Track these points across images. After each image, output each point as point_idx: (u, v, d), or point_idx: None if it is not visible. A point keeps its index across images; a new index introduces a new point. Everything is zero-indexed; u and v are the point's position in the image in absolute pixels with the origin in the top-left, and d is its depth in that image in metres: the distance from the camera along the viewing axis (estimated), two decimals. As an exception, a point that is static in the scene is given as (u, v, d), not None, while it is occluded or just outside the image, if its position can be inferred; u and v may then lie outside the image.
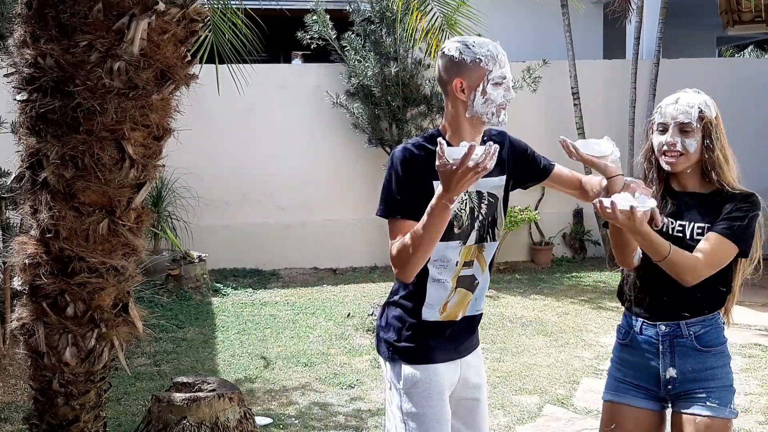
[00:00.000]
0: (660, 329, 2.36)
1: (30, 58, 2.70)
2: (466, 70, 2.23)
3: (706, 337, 2.33)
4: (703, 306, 2.34)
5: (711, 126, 2.33)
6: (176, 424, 3.44)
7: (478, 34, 6.96)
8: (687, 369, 2.32)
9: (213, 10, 4.96)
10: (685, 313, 2.33)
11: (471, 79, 2.23)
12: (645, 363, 2.39)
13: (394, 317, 2.36)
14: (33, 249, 2.82)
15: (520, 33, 10.74)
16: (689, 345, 2.32)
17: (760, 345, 5.81)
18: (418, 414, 2.29)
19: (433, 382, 2.31)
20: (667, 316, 2.35)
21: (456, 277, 2.33)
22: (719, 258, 2.26)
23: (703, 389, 2.30)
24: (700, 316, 2.33)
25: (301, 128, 8.80)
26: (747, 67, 10.59)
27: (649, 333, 2.38)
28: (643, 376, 2.40)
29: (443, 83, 2.29)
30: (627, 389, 2.43)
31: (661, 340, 2.35)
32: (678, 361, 2.33)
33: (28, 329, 2.91)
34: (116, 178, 2.77)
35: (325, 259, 8.86)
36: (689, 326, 2.33)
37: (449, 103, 2.29)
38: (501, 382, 4.98)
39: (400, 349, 2.33)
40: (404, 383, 2.31)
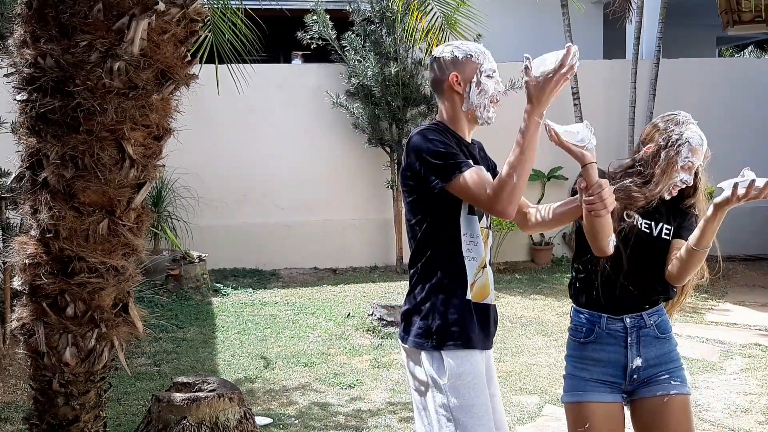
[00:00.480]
0: (626, 322, 2.49)
1: (30, 58, 2.70)
2: (459, 65, 2.40)
3: (663, 325, 2.53)
4: (659, 298, 2.54)
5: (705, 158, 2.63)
6: (176, 424, 3.44)
7: (478, 35, 7.00)
8: (651, 356, 2.49)
9: (213, 10, 4.97)
10: (646, 305, 2.51)
11: (465, 73, 2.40)
12: (612, 357, 2.49)
13: (436, 300, 2.30)
14: (33, 249, 2.82)
15: (520, 33, 10.74)
16: (652, 334, 2.50)
17: (760, 345, 5.81)
18: (467, 406, 2.24)
19: (477, 370, 2.29)
20: (630, 309, 2.50)
21: (485, 257, 2.41)
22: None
23: (665, 371, 2.48)
24: (656, 306, 2.53)
25: (301, 128, 8.80)
26: (747, 67, 10.59)
27: (615, 327, 2.50)
28: (609, 370, 2.49)
29: (438, 83, 2.45)
30: (593, 387, 2.50)
31: (628, 332, 2.49)
32: (643, 350, 2.49)
33: (28, 329, 2.91)
34: (116, 178, 2.77)
35: (325, 259, 8.86)
36: (650, 317, 2.51)
37: (445, 100, 2.44)
38: (501, 382, 4.97)
39: (445, 333, 2.27)
40: (449, 376, 2.25)
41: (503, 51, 9.40)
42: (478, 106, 2.40)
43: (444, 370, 2.25)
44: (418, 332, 2.31)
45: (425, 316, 2.30)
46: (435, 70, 2.45)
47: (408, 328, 2.35)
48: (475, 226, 2.37)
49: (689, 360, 5.46)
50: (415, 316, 2.33)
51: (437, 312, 2.29)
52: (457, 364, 2.25)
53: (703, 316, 6.74)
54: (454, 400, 2.23)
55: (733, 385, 4.94)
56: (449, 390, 2.24)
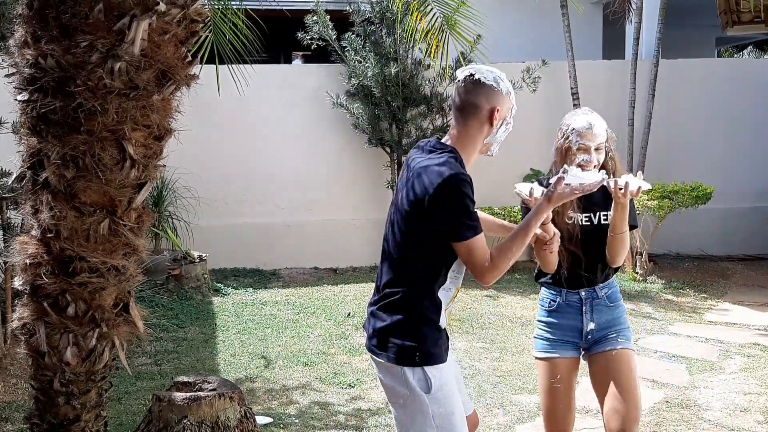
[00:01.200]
0: (581, 295, 3.06)
1: (31, 59, 2.71)
2: (502, 99, 2.48)
3: (612, 296, 3.09)
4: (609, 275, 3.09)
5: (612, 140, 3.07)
6: (177, 424, 3.44)
7: (478, 35, 7.01)
8: (602, 321, 3.05)
9: (214, 10, 4.97)
10: (598, 282, 3.06)
11: (503, 110, 2.49)
12: (570, 322, 3.08)
13: (418, 326, 2.45)
14: (34, 249, 2.83)
15: (520, 33, 10.75)
16: (603, 303, 3.07)
17: (759, 344, 5.82)
18: (447, 414, 2.43)
19: (451, 379, 2.50)
20: (585, 285, 3.06)
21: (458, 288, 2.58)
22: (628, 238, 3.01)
23: (614, 331, 3.04)
24: (607, 281, 3.09)
25: (302, 128, 8.81)
26: (746, 67, 10.60)
27: (572, 299, 3.08)
28: (569, 332, 3.08)
29: (473, 107, 2.46)
30: (559, 345, 3.08)
31: (583, 302, 3.06)
32: (595, 316, 3.05)
33: (29, 329, 2.92)
34: (117, 178, 2.78)
35: (326, 259, 8.86)
36: (601, 290, 3.07)
37: (471, 125, 2.47)
38: (501, 382, 4.99)
39: (427, 353, 2.43)
40: (434, 388, 2.41)
41: (503, 51, 9.42)
42: (497, 142, 2.53)
43: (427, 383, 2.42)
44: (400, 350, 2.45)
45: (405, 337, 2.44)
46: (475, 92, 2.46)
47: (384, 345, 2.48)
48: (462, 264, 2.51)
49: (689, 360, 5.47)
50: (393, 336, 2.46)
51: (418, 334, 2.44)
52: (438, 377, 2.43)
53: (702, 315, 6.75)
54: (438, 409, 2.42)
55: (732, 385, 4.95)
56: (432, 401, 2.41)
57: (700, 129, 9.45)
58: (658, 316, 6.69)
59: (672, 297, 7.42)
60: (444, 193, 2.33)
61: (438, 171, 2.36)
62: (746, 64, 12.34)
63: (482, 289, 7.67)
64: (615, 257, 3.00)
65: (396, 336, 2.45)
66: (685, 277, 8.17)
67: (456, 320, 6.38)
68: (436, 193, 2.34)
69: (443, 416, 2.41)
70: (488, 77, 2.45)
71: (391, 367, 2.46)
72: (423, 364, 2.42)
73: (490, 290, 7.58)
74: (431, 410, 2.41)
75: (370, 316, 2.58)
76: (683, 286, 7.81)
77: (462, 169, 2.40)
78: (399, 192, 2.52)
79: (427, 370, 2.42)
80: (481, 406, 4.60)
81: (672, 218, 8.30)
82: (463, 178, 2.35)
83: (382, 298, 2.51)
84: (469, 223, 2.36)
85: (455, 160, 2.42)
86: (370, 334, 2.56)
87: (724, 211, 9.23)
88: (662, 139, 9.17)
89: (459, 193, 2.34)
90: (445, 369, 2.48)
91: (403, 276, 2.47)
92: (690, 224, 8.98)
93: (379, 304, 2.52)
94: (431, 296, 2.46)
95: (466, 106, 2.47)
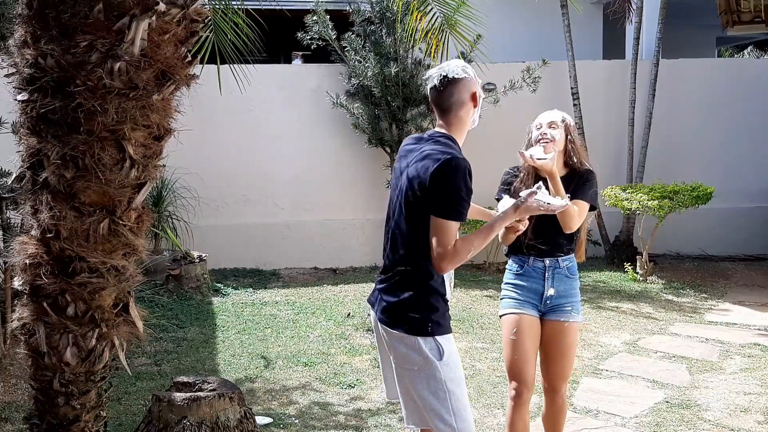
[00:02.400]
0: (545, 263, 3.45)
1: (31, 59, 2.70)
2: (473, 83, 2.82)
3: (572, 269, 3.49)
4: (569, 249, 3.47)
5: (569, 127, 3.47)
6: (177, 424, 3.44)
7: (478, 35, 7.01)
8: (561, 289, 3.44)
9: (214, 10, 4.97)
10: (559, 254, 3.45)
11: (477, 89, 2.84)
12: (533, 285, 3.45)
13: (430, 298, 2.71)
14: (34, 249, 2.83)
15: (520, 33, 10.76)
16: (563, 273, 3.45)
17: (760, 345, 5.81)
18: (457, 379, 2.71)
19: (456, 350, 2.78)
20: (549, 255, 3.45)
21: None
22: (582, 214, 3.40)
23: (568, 303, 3.44)
24: (567, 255, 3.47)
25: (302, 128, 8.81)
26: (746, 67, 10.59)
27: (537, 266, 3.46)
28: (531, 294, 3.45)
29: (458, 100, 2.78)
30: (521, 303, 3.44)
31: (546, 269, 3.44)
32: (555, 284, 3.43)
33: (29, 329, 2.92)
34: (117, 178, 2.77)
35: (325, 259, 8.86)
36: (563, 261, 3.45)
37: (461, 114, 2.81)
38: (501, 382, 4.99)
39: (438, 324, 2.70)
40: (446, 354, 2.68)
41: (503, 51, 9.42)
42: (476, 119, 2.88)
43: (439, 351, 2.68)
44: (414, 322, 2.70)
45: (417, 310, 2.70)
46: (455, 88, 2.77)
47: (398, 318, 2.73)
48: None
49: (689, 360, 5.47)
50: (406, 310, 2.71)
51: (429, 307, 2.71)
52: (448, 346, 2.72)
53: (702, 315, 6.74)
54: (450, 374, 2.69)
55: (732, 385, 4.95)
56: (444, 367, 2.68)
57: (700, 129, 9.45)
58: (658, 317, 6.69)
59: (672, 297, 7.41)
60: (444, 173, 2.61)
61: (442, 154, 2.65)
62: (746, 64, 12.33)
63: (482, 289, 7.66)
64: (563, 225, 3.32)
65: (409, 310, 2.70)
66: (685, 278, 8.17)
67: (456, 320, 6.38)
68: (437, 172, 2.61)
69: (454, 381, 2.69)
70: (458, 72, 2.78)
71: (406, 337, 2.70)
72: (434, 335, 2.68)
73: (490, 290, 7.57)
74: (444, 375, 2.67)
75: (380, 292, 2.81)
76: (683, 287, 7.81)
77: (462, 156, 2.68)
78: (402, 175, 2.79)
79: (438, 339, 2.68)
80: (481, 405, 4.60)
81: (672, 218, 8.30)
82: (464, 165, 2.63)
83: (394, 275, 2.76)
84: (456, 206, 2.62)
85: (457, 147, 2.75)
86: (382, 308, 2.78)
87: (724, 211, 9.23)
88: (662, 139, 9.17)
89: (456, 176, 2.61)
90: (452, 339, 2.76)
91: (412, 254, 2.71)
92: (690, 224, 8.98)
93: (391, 281, 2.77)
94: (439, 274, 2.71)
95: (453, 102, 2.79)
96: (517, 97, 8.29)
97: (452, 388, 2.69)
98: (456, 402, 2.69)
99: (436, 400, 2.68)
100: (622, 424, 4.37)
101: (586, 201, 3.43)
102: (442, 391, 2.67)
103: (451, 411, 2.68)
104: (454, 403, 2.69)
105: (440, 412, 2.68)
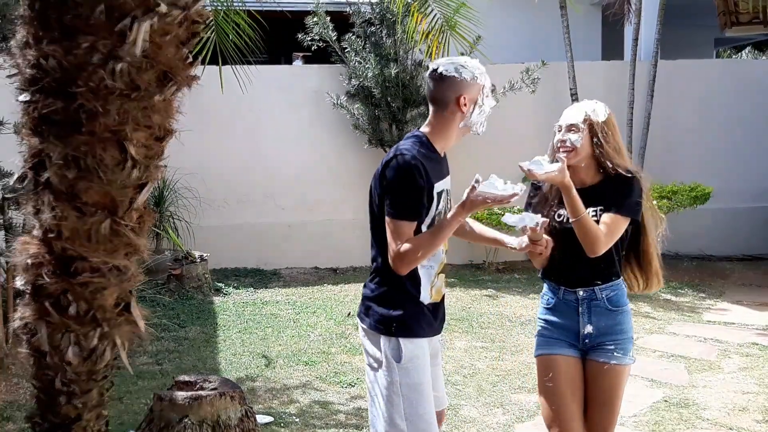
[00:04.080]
0: (579, 294, 2.87)
1: (32, 60, 2.71)
2: (467, 86, 2.62)
3: (615, 299, 2.88)
4: (610, 273, 2.88)
5: (596, 125, 2.87)
6: (178, 423, 3.46)
7: (477, 36, 7.02)
8: (601, 325, 2.85)
9: (216, 11, 4.99)
10: (597, 281, 2.87)
11: (471, 94, 2.63)
12: (567, 323, 2.90)
13: (400, 298, 2.63)
14: (36, 249, 2.84)
15: (519, 34, 10.76)
16: (602, 306, 2.86)
17: (758, 344, 5.83)
18: (414, 384, 2.59)
19: (425, 355, 2.64)
20: (583, 285, 2.87)
21: (442, 264, 2.72)
22: (615, 230, 2.79)
23: (612, 341, 2.85)
24: (609, 283, 2.88)
25: (302, 129, 8.83)
26: (745, 68, 10.62)
27: (569, 298, 2.89)
28: (566, 332, 2.90)
29: (440, 99, 2.65)
30: (555, 343, 2.91)
31: (580, 302, 2.87)
32: (594, 319, 2.86)
33: (31, 329, 2.93)
34: (118, 179, 2.78)
35: (326, 259, 8.88)
36: (602, 291, 2.87)
37: (442, 114, 2.65)
38: (500, 381, 5.01)
39: (402, 325, 2.61)
40: (405, 358, 2.59)
41: (503, 52, 9.43)
42: (475, 123, 2.67)
43: (399, 353, 2.59)
44: (379, 319, 2.64)
45: (384, 307, 2.64)
46: (439, 85, 2.64)
47: (368, 312, 2.68)
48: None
49: (687, 359, 5.49)
50: (375, 304, 2.66)
51: (396, 307, 2.62)
52: (410, 350, 2.60)
53: (700, 315, 6.76)
54: (406, 379, 2.59)
55: (730, 384, 4.97)
56: (401, 371, 2.59)
57: (698, 129, 9.47)
58: (657, 316, 6.70)
59: (671, 297, 7.43)
60: (390, 170, 2.56)
61: (394, 152, 2.60)
62: (745, 64, 12.36)
63: (482, 288, 7.68)
64: (585, 247, 2.78)
65: (378, 305, 2.65)
66: (683, 277, 8.19)
67: (456, 320, 6.40)
68: (383, 170, 2.59)
69: (409, 387, 2.59)
70: (449, 69, 2.62)
71: (371, 333, 2.67)
72: (398, 335, 2.60)
73: (489, 290, 7.59)
74: (399, 379, 2.59)
75: (363, 286, 2.78)
76: (682, 286, 7.82)
77: (418, 153, 2.56)
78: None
79: (401, 340, 2.59)
80: (481, 405, 4.62)
81: (671, 218, 8.28)
82: (409, 162, 2.53)
83: (372, 271, 2.73)
84: (401, 204, 2.54)
85: (418, 144, 2.63)
86: (360, 301, 2.76)
87: (722, 211, 9.24)
88: (661, 140, 9.19)
89: (399, 174, 2.53)
90: (421, 344, 2.63)
91: (378, 252, 2.68)
92: (689, 224, 8.99)
93: (370, 276, 2.74)
94: (412, 274, 2.60)
95: (435, 99, 2.67)
96: (516, 98, 8.31)
97: (407, 393, 2.59)
98: (410, 408, 2.59)
99: (389, 403, 2.61)
100: (620, 422, 4.38)
101: (620, 214, 2.79)
102: (396, 395, 2.59)
103: (403, 416, 2.59)
104: (408, 408, 2.59)
105: (392, 414, 2.60)
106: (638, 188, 2.83)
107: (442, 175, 2.69)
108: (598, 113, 2.90)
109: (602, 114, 2.91)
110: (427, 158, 2.61)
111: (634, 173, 2.85)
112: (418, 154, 2.57)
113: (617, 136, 2.92)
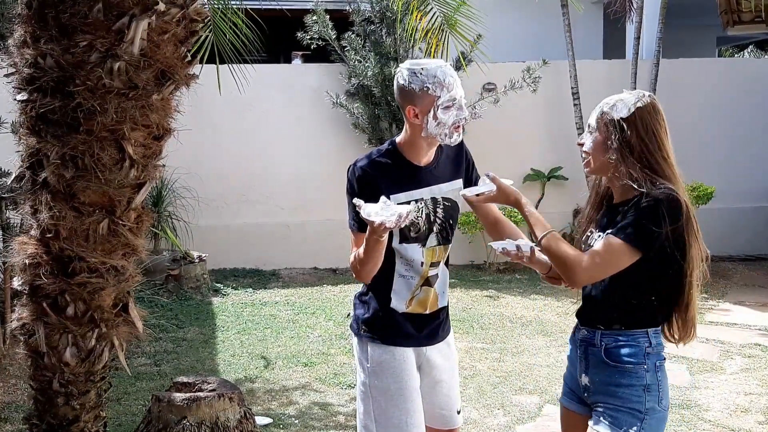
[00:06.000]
0: (581, 334, 2.33)
1: (30, 58, 2.70)
2: (416, 98, 2.41)
3: (617, 352, 2.21)
4: (614, 319, 2.24)
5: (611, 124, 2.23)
6: (176, 424, 3.44)
7: (478, 35, 7.00)
8: (595, 380, 2.26)
9: (213, 10, 4.97)
10: (599, 324, 2.26)
11: (422, 106, 2.41)
12: (572, 366, 2.41)
13: (369, 301, 2.63)
14: (33, 249, 2.82)
15: (520, 33, 10.74)
16: (598, 356, 2.25)
17: (760, 345, 5.81)
18: (382, 388, 2.57)
19: (398, 361, 2.57)
20: (587, 323, 2.32)
21: (424, 277, 2.59)
22: (607, 258, 2.14)
23: (603, 404, 2.23)
24: (614, 329, 2.23)
25: (302, 128, 8.80)
26: (747, 67, 10.60)
27: (576, 336, 2.37)
28: (570, 378, 2.42)
29: (399, 106, 2.52)
30: (565, 390, 2.45)
31: (579, 344, 2.33)
32: (590, 370, 2.28)
33: (29, 329, 2.92)
34: (116, 178, 2.77)
35: (325, 259, 8.85)
36: (603, 337, 2.24)
37: (409, 121, 2.46)
38: (501, 382, 4.98)
39: (370, 329, 2.61)
40: (371, 361, 2.59)
41: (503, 51, 9.42)
42: (438, 134, 2.43)
43: (368, 354, 2.60)
44: (354, 319, 2.68)
45: (358, 308, 2.66)
46: (396, 93, 2.50)
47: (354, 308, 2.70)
48: (411, 251, 2.55)
49: (689, 360, 5.46)
50: (354, 306, 2.69)
51: (369, 311, 2.61)
52: (377, 354, 2.58)
53: (702, 316, 6.74)
54: (375, 382, 2.58)
55: (732, 385, 4.95)
56: (370, 372, 2.59)
57: (700, 129, 9.44)
58: (658, 317, 6.68)
59: (672, 297, 7.40)
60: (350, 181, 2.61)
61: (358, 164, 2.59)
62: (747, 63, 12.35)
63: (482, 289, 7.66)
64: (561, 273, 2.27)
65: (356, 307, 2.68)
66: (685, 277, 8.16)
67: (456, 320, 6.37)
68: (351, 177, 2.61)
69: (378, 390, 2.57)
70: (403, 76, 2.43)
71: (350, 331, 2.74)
72: (365, 337, 2.61)
73: (490, 290, 7.57)
74: (368, 381, 2.60)
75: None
76: (684, 286, 7.79)
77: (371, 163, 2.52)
78: None
79: (369, 344, 2.60)
80: (481, 406, 4.59)
81: (672, 218, 8.28)
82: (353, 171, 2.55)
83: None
84: (350, 213, 2.56)
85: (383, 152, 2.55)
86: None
87: (724, 211, 9.22)
88: (662, 139, 9.16)
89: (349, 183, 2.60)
90: (390, 350, 2.56)
91: None
92: (690, 224, 8.96)
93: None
94: (385, 280, 2.56)
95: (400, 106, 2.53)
96: (517, 96, 8.28)
97: (376, 396, 2.58)
98: (379, 411, 2.57)
99: (362, 402, 2.65)
100: (622, 424, 4.37)
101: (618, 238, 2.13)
102: (367, 396, 2.61)
103: (373, 418, 2.59)
104: (377, 411, 2.57)
105: (363, 415, 2.64)
106: (657, 214, 2.12)
107: (415, 185, 2.51)
108: (618, 108, 2.23)
109: (623, 109, 2.23)
110: (386, 168, 2.50)
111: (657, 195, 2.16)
112: (369, 164, 2.51)
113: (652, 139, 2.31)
